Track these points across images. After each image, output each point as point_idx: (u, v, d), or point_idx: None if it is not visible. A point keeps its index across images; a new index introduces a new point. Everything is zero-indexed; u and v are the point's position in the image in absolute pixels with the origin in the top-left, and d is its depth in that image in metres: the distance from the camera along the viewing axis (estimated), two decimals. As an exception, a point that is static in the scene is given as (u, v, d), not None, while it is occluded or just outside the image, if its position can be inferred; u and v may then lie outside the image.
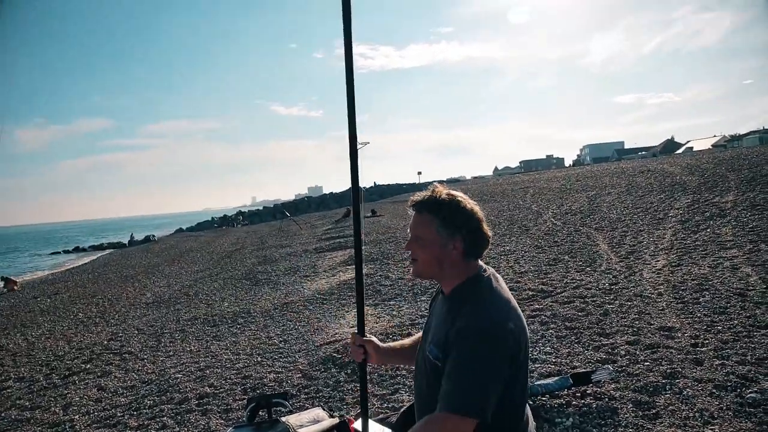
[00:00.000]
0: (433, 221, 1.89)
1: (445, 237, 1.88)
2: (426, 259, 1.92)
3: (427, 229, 1.90)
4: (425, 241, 1.91)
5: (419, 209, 1.94)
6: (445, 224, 1.88)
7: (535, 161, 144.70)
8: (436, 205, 1.90)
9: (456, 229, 1.87)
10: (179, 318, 10.44)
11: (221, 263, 19.74)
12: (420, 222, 1.93)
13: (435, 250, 1.89)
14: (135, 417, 5.47)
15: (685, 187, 16.56)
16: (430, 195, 1.93)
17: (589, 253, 10.47)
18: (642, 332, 5.62)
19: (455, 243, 1.88)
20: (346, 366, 6.00)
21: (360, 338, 2.33)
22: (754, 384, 4.14)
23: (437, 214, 1.89)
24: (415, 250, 1.95)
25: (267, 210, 59.02)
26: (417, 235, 1.94)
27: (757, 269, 7.47)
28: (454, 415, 1.67)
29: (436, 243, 1.88)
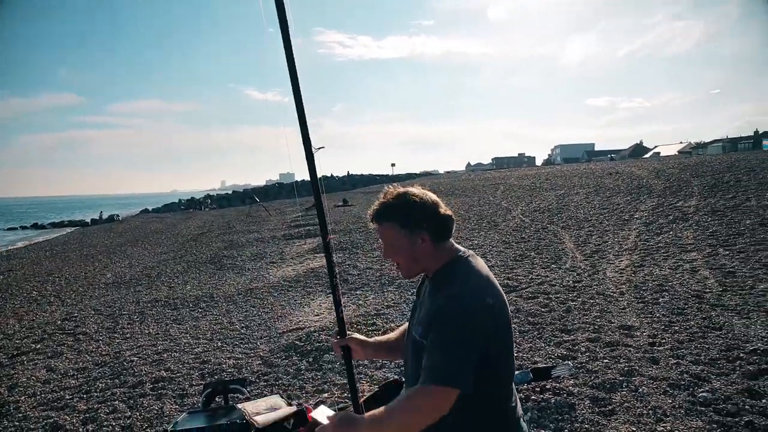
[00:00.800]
0: (393, 226, 1.95)
1: (411, 235, 1.93)
2: (404, 262, 1.99)
3: (393, 235, 1.96)
4: (396, 247, 1.98)
5: (378, 220, 2.01)
6: (404, 224, 1.94)
7: (507, 159, 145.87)
8: (390, 210, 1.97)
9: (416, 224, 1.93)
10: (139, 300, 10.25)
11: (186, 246, 19.46)
12: (384, 231, 2.00)
13: (407, 251, 1.95)
14: (84, 400, 5.32)
15: (651, 191, 16.86)
16: (381, 203, 2.00)
17: (555, 250, 10.59)
18: (603, 330, 5.70)
19: (422, 236, 1.93)
20: (308, 354, 5.96)
21: (341, 339, 2.34)
22: (705, 383, 4.23)
23: (394, 218, 1.95)
24: (392, 256, 2.02)
25: (236, 195, 58.30)
26: (387, 244, 2.01)
27: (715, 272, 7.64)
28: (435, 386, 1.72)
29: (405, 244, 1.95)
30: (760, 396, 3.94)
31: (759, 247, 8.81)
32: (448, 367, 1.73)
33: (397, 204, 1.96)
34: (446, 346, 1.75)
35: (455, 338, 1.75)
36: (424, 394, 1.74)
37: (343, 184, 57.67)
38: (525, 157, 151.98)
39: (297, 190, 55.55)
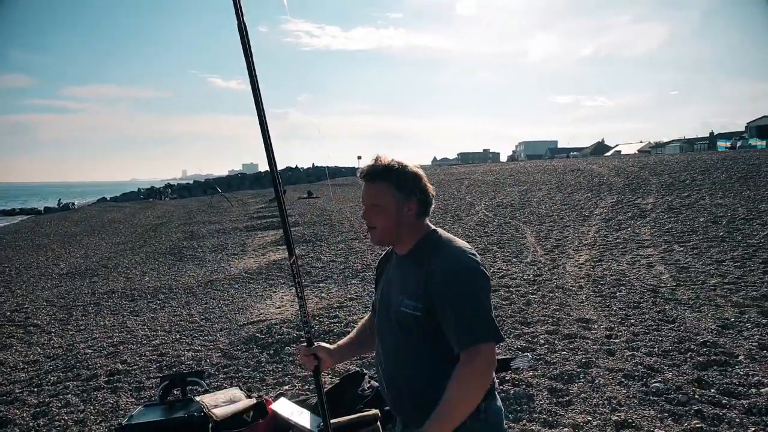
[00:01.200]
0: (388, 187, 1.92)
1: (401, 201, 1.92)
2: (385, 226, 1.95)
3: (384, 196, 1.92)
4: (383, 208, 1.93)
5: (372, 178, 1.95)
6: (399, 188, 1.92)
7: (473, 154, 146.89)
8: (387, 171, 1.93)
9: (409, 192, 1.92)
10: (95, 291, 10.02)
11: (145, 236, 19.11)
12: (375, 190, 1.95)
13: (393, 215, 1.92)
14: (35, 394, 5.16)
15: (611, 188, 17.21)
16: (378, 163, 1.95)
17: (516, 244, 10.73)
18: (561, 323, 5.81)
19: (410, 205, 1.92)
20: (269, 346, 5.92)
21: (309, 348, 2.25)
22: (658, 374, 4.35)
23: (390, 180, 1.92)
24: (373, 218, 1.96)
25: (198, 184, 57.40)
26: (373, 204, 1.95)
27: (670, 268, 7.85)
28: (486, 344, 1.73)
29: (393, 208, 1.92)
30: (709, 386, 4.07)
31: (711, 243, 9.08)
32: (488, 322, 1.75)
33: (396, 168, 1.93)
34: (473, 304, 1.76)
35: (477, 294, 1.78)
36: (476, 356, 1.71)
37: (308, 176, 57.32)
38: (490, 153, 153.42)
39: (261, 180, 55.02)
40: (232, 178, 63.76)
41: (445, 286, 1.79)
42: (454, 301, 1.78)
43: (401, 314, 1.90)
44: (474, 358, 1.71)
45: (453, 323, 1.77)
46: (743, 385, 4.02)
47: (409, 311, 1.87)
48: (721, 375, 4.23)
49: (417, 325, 1.85)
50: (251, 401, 3.78)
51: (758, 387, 3.96)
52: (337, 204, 23.18)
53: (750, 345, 4.77)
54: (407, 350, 1.91)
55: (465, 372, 1.72)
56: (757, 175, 15.64)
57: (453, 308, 1.77)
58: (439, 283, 1.81)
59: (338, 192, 30.93)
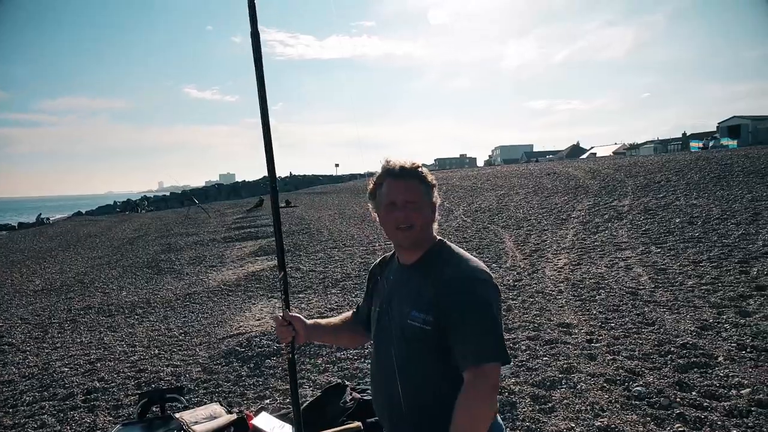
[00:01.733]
0: (420, 187, 1.89)
1: (429, 203, 1.91)
2: (423, 224, 1.89)
3: (419, 194, 1.89)
4: (419, 205, 1.89)
5: (405, 176, 1.90)
6: (427, 191, 1.91)
7: (450, 160, 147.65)
8: (418, 171, 1.91)
9: (432, 193, 1.92)
10: (71, 307, 9.84)
11: (122, 250, 18.84)
12: (411, 187, 1.89)
13: (427, 214, 1.90)
14: (10, 415, 5.04)
15: (587, 191, 17.37)
16: (410, 164, 1.92)
17: (495, 249, 10.76)
18: (542, 328, 5.81)
19: (433, 206, 1.93)
20: (249, 360, 5.84)
21: (287, 314, 2.17)
22: (640, 378, 4.36)
23: (421, 180, 1.90)
24: (411, 215, 1.88)
25: (174, 196, 56.91)
26: (410, 200, 1.88)
27: (648, 270, 7.92)
28: (493, 365, 1.67)
29: (427, 207, 1.90)
30: (690, 388, 4.09)
31: (687, 244, 9.19)
32: (496, 340, 1.69)
33: (422, 171, 1.91)
34: (487, 318, 1.71)
35: (491, 308, 1.73)
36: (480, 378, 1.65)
37: (286, 185, 57.12)
38: (467, 158, 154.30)
39: (238, 191, 54.71)
40: (209, 189, 63.35)
41: (460, 296, 1.74)
42: (467, 312, 1.72)
43: (408, 327, 1.84)
44: (478, 379, 1.65)
45: (464, 336, 1.71)
46: (724, 386, 4.05)
47: (417, 324, 1.81)
48: (701, 377, 4.26)
49: (425, 339, 1.79)
50: (232, 417, 3.71)
51: (738, 388, 3.99)
52: (315, 212, 23.09)
53: (729, 346, 4.81)
54: (413, 365, 1.84)
55: (470, 398, 1.65)
56: (729, 175, 15.89)
57: (466, 319, 1.72)
58: (453, 293, 1.75)
59: (317, 200, 30.84)
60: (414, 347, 1.83)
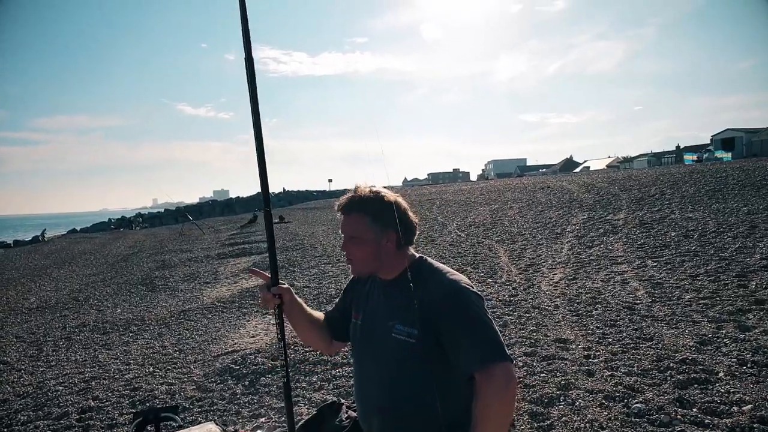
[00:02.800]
0: (363, 219, 1.92)
1: (379, 232, 1.91)
2: (362, 257, 1.94)
3: (360, 228, 1.92)
4: (360, 240, 1.93)
5: (348, 210, 1.96)
6: (375, 220, 1.91)
7: (443, 174, 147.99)
8: (363, 203, 1.93)
9: (386, 223, 1.91)
10: (66, 325, 9.74)
11: (116, 267, 18.72)
12: (351, 222, 1.95)
13: (371, 247, 1.92)
14: (4, 435, 4.98)
15: (582, 205, 17.37)
16: (356, 195, 1.95)
17: (490, 264, 10.71)
18: (539, 344, 5.76)
19: (389, 236, 1.92)
20: (244, 377, 5.77)
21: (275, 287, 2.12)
22: (639, 394, 4.30)
23: (366, 211, 1.92)
24: (351, 250, 1.96)
25: (169, 213, 56.67)
26: (351, 236, 1.95)
27: (644, 284, 7.89)
28: (503, 363, 1.68)
29: (371, 239, 1.92)
30: (691, 405, 4.04)
31: (684, 258, 9.16)
32: (498, 343, 1.71)
33: (372, 199, 1.92)
34: (483, 325, 1.73)
35: (484, 315, 1.76)
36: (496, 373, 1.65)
37: (279, 201, 57.05)
38: (460, 172, 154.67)
39: (232, 207, 54.62)
40: (203, 205, 63.23)
41: (451, 308, 1.77)
42: (463, 323, 1.74)
43: (393, 341, 1.87)
44: (493, 375, 1.66)
45: (462, 346, 1.72)
46: (725, 403, 3.99)
47: (402, 337, 1.84)
48: (702, 393, 4.20)
49: (411, 351, 1.82)
50: (226, 438, 3.65)
51: (740, 405, 3.93)
52: (309, 228, 23.03)
53: (729, 361, 4.76)
54: (402, 379, 1.87)
55: (487, 393, 1.65)
56: (725, 188, 15.93)
57: (464, 330, 1.73)
58: (443, 307, 1.78)
59: (310, 215, 30.78)
60: (401, 360, 1.85)
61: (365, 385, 2.02)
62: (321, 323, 2.29)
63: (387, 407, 1.92)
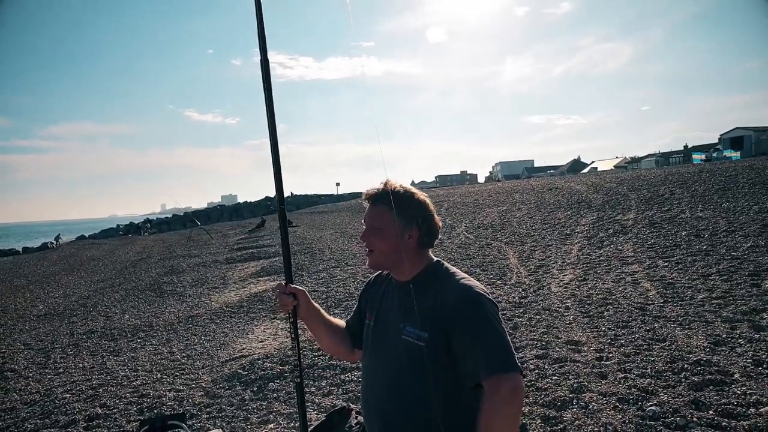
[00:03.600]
0: (389, 212, 1.91)
1: (402, 227, 1.90)
2: (383, 249, 1.93)
3: (384, 220, 1.92)
4: (382, 232, 1.92)
5: (375, 201, 1.96)
6: (401, 214, 1.90)
7: (451, 176, 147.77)
8: (388, 197, 1.92)
9: (411, 219, 1.91)
10: (74, 331, 9.73)
11: (124, 273, 18.75)
12: (376, 213, 1.94)
13: (392, 240, 1.91)
14: (12, 443, 4.95)
15: (590, 205, 17.25)
16: (384, 188, 1.94)
17: (500, 266, 10.64)
18: (550, 346, 5.69)
19: (411, 233, 1.92)
20: (252, 383, 5.73)
21: (290, 286, 2.16)
22: (653, 397, 4.23)
23: (393, 204, 1.90)
24: (372, 240, 1.95)
25: (177, 218, 56.75)
26: (374, 226, 1.94)
27: (656, 284, 7.80)
28: (513, 374, 1.65)
29: (393, 233, 1.90)
30: (707, 407, 3.97)
31: (695, 258, 9.06)
32: (509, 352, 1.69)
33: (401, 194, 1.92)
34: (495, 333, 1.71)
35: (498, 324, 1.74)
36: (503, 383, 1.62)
37: (287, 205, 57.03)
38: (467, 174, 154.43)
39: (240, 212, 54.67)
40: (211, 211, 63.28)
41: (463, 314, 1.75)
42: (474, 329, 1.72)
43: (402, 342, 1.85)
44: (501, 385, 1.63)
45: (476, 352, 1.69)
46: (741, 405, 3.92)
47: (412, 339, 1.82)
48: (717, 395, 4.13)
49: (419, 355, 1.79)
50: (234, 445, 3.61)
51: (757, 406, 3.86)
52: (317, 232, 23.01)
53: (744, 362, 4.68)
54: (407, 382, 1.84)
55: (494, 402, 1.62)
56: (734, 187, 15.78)
57: (475, 337, 1.71)
58: (455, 312, 1.76)
59: (318, 219, 30.76)
60: (408, 363, 1.83)
61: (371, 386, 2.00)
62: (340, 330, 2.26)
63: (388, 410, 1.89)
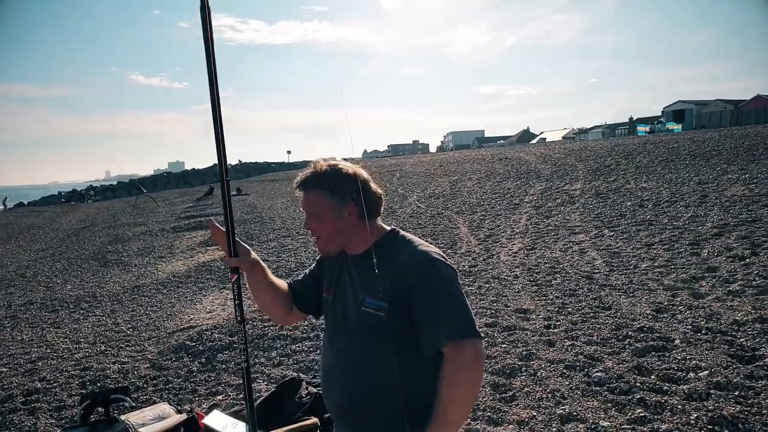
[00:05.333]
0: (321, 194, 1.86)
1: (338, 206, 1.86)
2: (326, 234, 1.89)
3: (319, 204, 1.87)
4: (321, 216, 1.87)
5: (305, 187, 1.90)
6: (333, 194, 1.85)
7: (403, 146, 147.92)
8: (320, 177, 1.87)
9: (344, 195, 1.85)
10: (11, 303, 9.37)
11: (67, 242, 18.13)
12: (310, 199, 1.89)
13: (332, 222, 1.87)
14: (-55, 420, 4.73)
15: (539, 175, 17.54)
16: (312, 171, 1.89)
17: (450, 235, 10.72)
18: (500, 314, 5.77)
19: (348, 209, 1.86)
20: (200, 354, 5.62)
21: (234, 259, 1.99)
22: (599, 363, 4.34)
23: (323, 186, 1.86)
24: (314, 227, 1.91)
25: (122, 185, 55.16)
26: (312, 212, 1.90)
27: (602, 253, 7.99)
28: (473, 339, 1.66)
29: (331, 215, 1.86)
30: (649, 372, 4.09)
31: (639, 227, 9.33)
32: (467, 317, 1.69)
33: (328, 173, 1.86)
34: (453, 298, 1.71)
35: (454, 289, 1.73)
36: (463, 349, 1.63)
37: (237, 172, 56.08)
38: (419, 144, 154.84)
39: (188, 179, 53.47)
40: (158, 178, 61.70)
41: (421, 281, 1.72)
42: (433, 296, 1.70)
43: (362, 314, 1.81)
44: (461, 350, 1.63)
45: (432, 316, 1.68)
46: (682, 369, 4.06)
47: (371, 311, 1.79)
48: (659, 361, 4.26)
49: (379, 326, 1.76)
50: (182, 417, 3.53)
51: (696, 371, 4.00)
52: (267, 200, 22.72)
53: (684, 328, 4.85)
54: (368, 353, 1.81)
55: (455, 368, 1.63)
56: (677, 159, 16.28)
57: (434, 303, 1.69)
58: (413, 279, 1.73)
59: (268, 188, 30.36)
60: (369, 335, 1.80)
61: (332, 359, 1.96)
62: (282, 291, 2.18)
63: (350, 382, 1.86)
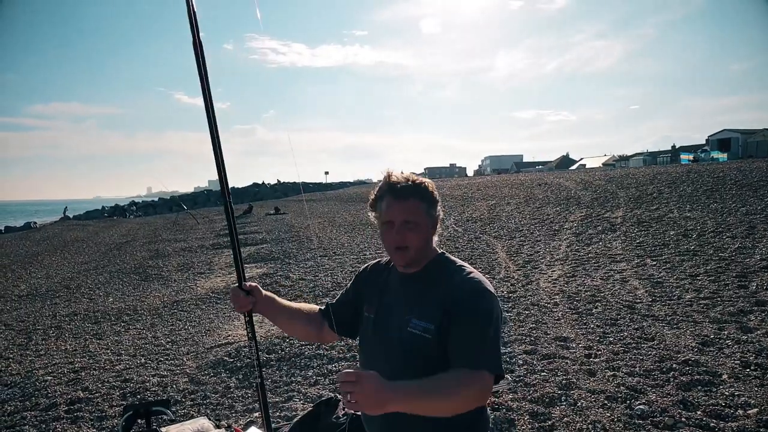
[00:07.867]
0: (420, 204, 1.87)
1: (431, 219, 1.90)
2: (418, 245, 1.88)
3: (419, 213, 1.87)
4: (418, 227, 1.87)
5: (405, 195, 1.87)
6: (430, 206, 1.89)
7: (440, 169, 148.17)
8: (418, 189, 1.88)
9: (435, 211, 1.91)
10: (56, 313, 9.60)
11: (109, 255, 18.55)
12: (410, 208, 1.86)
13: (425, 234, 1.89)
14: (-10, 426, 4.85)
15: (579, 202, 17.31)
16: (412, 181, 1.89)
17: (488, 260, 10.63)
18: (539, 342, 5.68)
19: (434, 225, 1.92)
20: (238, 371, 5.67)
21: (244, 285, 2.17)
22: (642, 395, 4.23)
23: (422, 197, 1.87)
24: (407, 236, 1.86)
25: (163, 201, 56.31)
26: (408, 221, 1.86)
27: (644, 282, 7.82)
28: (488, 374, 1.67)
29: (425, 226, 1.88)
30: (695, 407, 3.97)
31: (683, 257, 9.10)
32: (497, 354, 1.72)
33: (424, 185, 1.89)
34: (490, 332, 1.72)
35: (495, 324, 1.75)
36: (480, 381, 1.65)
37: (275, 192, 56.78)
38: (456, 167, 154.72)
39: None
40: (198, 195, 62.82)
41: (471, 308, 1.75)
42: (476, 322, 1.72)
43: (407, 335, 1.82)
44: (478, 380, 1.65)
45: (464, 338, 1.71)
46: (730, 406, 3.92)
47: (418, 332, 1.80)
48: (706, 395, 4.13)
49: (425, 348, 1.78)
50: (220, 431, 3.56)
51: (745, 408, 3.86)
52: (305, 220, 22.92)
53: (732, 363, 4.69)
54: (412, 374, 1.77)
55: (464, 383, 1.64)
56: (722, 188, 15.89)
57: (469, 324, 1.72)
58: (464, 305, 1.75)
59: (305, 208, 30.66)
60: (412, 356, 1.81)
61: None
62: (308, 314, 2.23)
63: None
